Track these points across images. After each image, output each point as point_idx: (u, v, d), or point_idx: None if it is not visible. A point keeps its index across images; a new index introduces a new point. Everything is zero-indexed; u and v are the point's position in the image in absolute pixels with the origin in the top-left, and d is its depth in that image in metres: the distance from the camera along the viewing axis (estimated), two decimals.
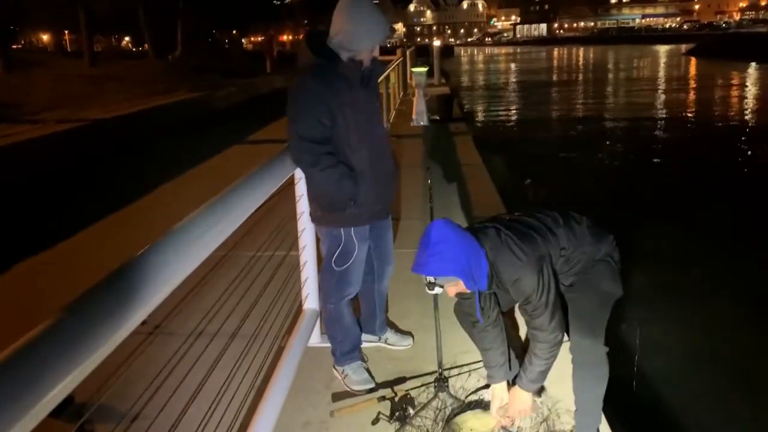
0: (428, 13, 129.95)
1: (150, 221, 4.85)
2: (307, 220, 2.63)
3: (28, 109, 13.95)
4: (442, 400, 2.35)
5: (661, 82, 26.18)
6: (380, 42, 2.31)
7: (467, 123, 12.49)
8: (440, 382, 2.40)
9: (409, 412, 2.27)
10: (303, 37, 2.45)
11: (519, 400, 2.12)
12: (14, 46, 35.43)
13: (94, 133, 11.63)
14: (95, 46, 31.45)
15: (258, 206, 1.93)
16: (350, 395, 2.48)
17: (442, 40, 37.71)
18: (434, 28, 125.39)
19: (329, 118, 2.25)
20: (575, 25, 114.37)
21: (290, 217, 2.81)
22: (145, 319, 1.14)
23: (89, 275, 1.09)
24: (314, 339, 2.80)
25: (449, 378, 2.47)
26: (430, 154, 7.73)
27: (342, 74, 2.27)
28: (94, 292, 1.01)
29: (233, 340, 2.55)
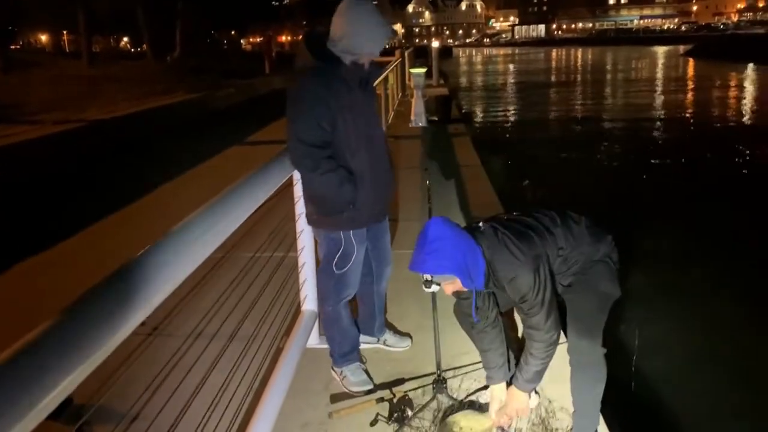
0: (427, 14, 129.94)
1: (150, 221, 4.84)
2: (305, 222, 2.63)
3: (26, 110, 13.95)
4: (441, 401, 2.35)
5: (660, 83, 26.18)
6: (384, 45, 2.31)
7: (466, 124, 12.50)
8: (439, 383, 2.40)
9: (408, 414, 2.27)
10: (302, 38, 2.44)
11: (516, 400, 2.12)
12: (13, 47, 35.47)
13: (93, 134, 11.64)
14: (94, 47, 31.52)
15: (257, 207, 1.93)
16: (349, 396, 2.48)
17: (440, 41, 37.75)
18: (433, 29, 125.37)
19: (329, 121, 2.24)
20: (573, 26, 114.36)
21: (289, 218, 2.80)
22: (144, 320, 1.14)
23: (89, 275, 1.09)
24: (313, 340, 2.80)
25: (448, 379, 2.46)
26: (428, 155, 7.72)
27: (342, 77, 2.26)
28: (94, 293, 1.01)
29: (232, 341, 2.54)
